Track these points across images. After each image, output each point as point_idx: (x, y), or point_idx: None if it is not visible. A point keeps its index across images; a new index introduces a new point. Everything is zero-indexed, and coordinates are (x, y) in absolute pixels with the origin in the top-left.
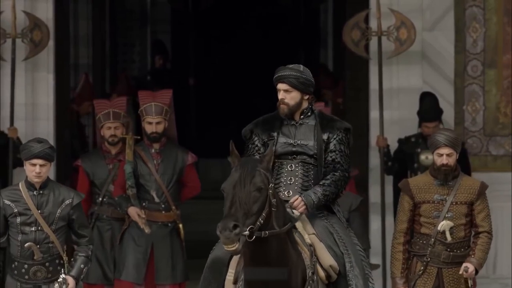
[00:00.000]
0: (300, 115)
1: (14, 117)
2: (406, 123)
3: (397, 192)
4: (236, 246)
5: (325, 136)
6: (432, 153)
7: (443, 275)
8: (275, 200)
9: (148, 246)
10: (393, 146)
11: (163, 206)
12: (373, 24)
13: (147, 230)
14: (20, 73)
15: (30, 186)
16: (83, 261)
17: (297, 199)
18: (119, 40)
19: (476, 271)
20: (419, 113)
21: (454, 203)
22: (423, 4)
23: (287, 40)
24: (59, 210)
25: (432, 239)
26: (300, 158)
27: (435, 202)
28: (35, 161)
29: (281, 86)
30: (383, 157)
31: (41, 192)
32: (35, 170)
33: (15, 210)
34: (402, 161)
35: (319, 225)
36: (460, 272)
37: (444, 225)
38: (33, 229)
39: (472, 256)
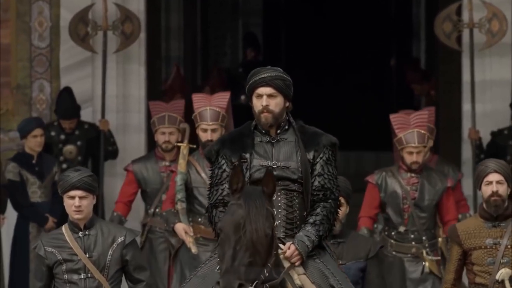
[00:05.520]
0: (277, 129)
1: (106, 109)
2: (498, 116)
3: None
4: None
5: (310, 156)
6: (479, 187)
7: None
8: (276, 242)
9: None
10: (486, 138)
11: None
12: (464, 16)
13: (193, 250)
14: (111, 65)
15: (73, 227)
16: None
17: (289, 247)
18: (210, 32)
19: None
20: (511, 105)
21: (509, 247)
22: None
23: (378, 32)
24: (110, 252)
25: None
26: (282, 184)
27: (488, 247)
28: (73, 192)
29: (263, 90)
30: (475, 150)
31: (86, 233)
32: (74, 203)
33: (59, 257)
34: (495, 154)
35: (312, 266)
36: None
37: (503, 273)
38: (82, 276)
39: None
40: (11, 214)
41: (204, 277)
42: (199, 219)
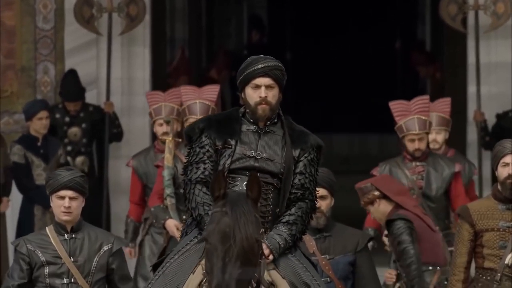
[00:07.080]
0: (266, 121)
1: (110, 91)
2: (503, 98)
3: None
4: None
5: (296, 153)
6: (495, 168)
7: None
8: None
9: None
10: (491, 121)
11: None
12: None
13: None
14: (116, 47)
15: (60, 229)
16: None
17: None
18: (215, 14)
19: None
20: None
21: None
22: None
23: (384, 14)
24: (96, 258)
25: (499, 275)
26: (261, 177)
27: (501, 229)
28: (63, 192)
29: (262, 80)
30: (481, 132)
31: (73, 236)
32: (63, 204)
33: (43, 259)
34: (500, 136)
35: (284, 263)
36: None
37: None
38: (64, 281)
39: None
40: (15, 196)
41: (181, 263)
42: (184, 216)
